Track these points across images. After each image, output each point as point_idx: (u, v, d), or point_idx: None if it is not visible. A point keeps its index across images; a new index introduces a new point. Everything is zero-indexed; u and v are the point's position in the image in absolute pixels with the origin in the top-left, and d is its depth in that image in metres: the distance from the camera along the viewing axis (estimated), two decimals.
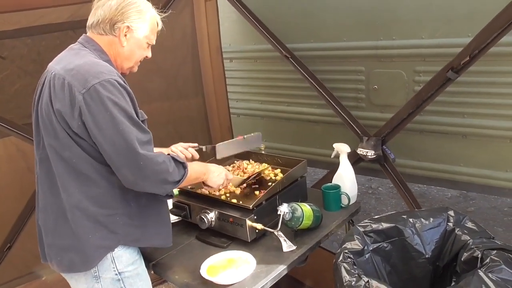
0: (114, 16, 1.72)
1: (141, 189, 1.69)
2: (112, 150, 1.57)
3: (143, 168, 1.59)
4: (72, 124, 1.58)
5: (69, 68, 1.62)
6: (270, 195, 2.22)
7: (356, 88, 3.23)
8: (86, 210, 1.66)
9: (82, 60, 1.65)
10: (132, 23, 1.75)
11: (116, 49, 1.78)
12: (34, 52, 2.54)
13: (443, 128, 2.91)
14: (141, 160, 1.58)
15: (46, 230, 1.76)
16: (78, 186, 1.65)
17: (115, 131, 1.56)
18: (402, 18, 2.86)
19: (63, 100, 1.58)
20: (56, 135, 1.63)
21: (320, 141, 3.56)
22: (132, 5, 1.74)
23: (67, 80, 1.59)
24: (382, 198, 4.85)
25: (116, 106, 1.57)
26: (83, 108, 1.55)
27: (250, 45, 3.74)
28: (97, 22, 1.74)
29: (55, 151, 1.65)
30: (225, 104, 3.68)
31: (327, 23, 3.21)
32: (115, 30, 1.74)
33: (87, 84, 1.56)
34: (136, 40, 1.79)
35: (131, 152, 1.57)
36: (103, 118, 1.55)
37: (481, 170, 2.84)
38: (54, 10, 2.56)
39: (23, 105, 2.53)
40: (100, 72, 1.59)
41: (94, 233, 1.68)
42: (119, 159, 1.59)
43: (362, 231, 2.02)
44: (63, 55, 1.75)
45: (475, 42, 2.23)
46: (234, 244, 2.13)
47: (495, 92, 2.68)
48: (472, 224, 1.98)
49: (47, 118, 1.65)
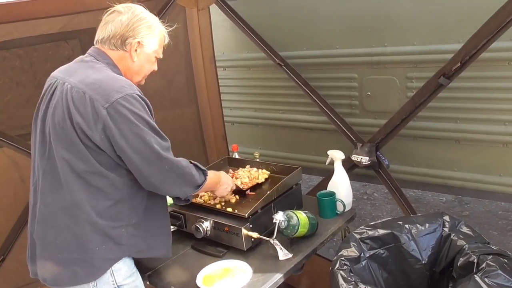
0: (126, 32, 1.75)
1: (164, 192, 1.81)
2: (140, 160, 1.63)
3: (168, 172, 1.70)
4: (94, 137, 1.60)
5: (89, 82, 1.64)
6: (265, 203, 2.21)
7: (350, 95, 3.24)
8: (96, 224, 1.66)
9: (100, 74, 1.68)
10: (142, 39, 1.78)
11: (126, 63, 1.81)
12: (26, 63, 2.53)
13: (437, 134, 2.93)
14: (167, 164, 1.69)
15: (44, 244, 1.73)
16: (88, 200, 1.65)
17: (141, 142, 1.62)
18: (394, 25, 2.88)
19: (85, 114, 1.60)
20: (71, 148, 1.64)
21: (314, 148, 3.56)
22: (142, 20, 1.78)
23: (88, 94, 1.61)
24: (377, 203, 4.85)
25: (139, 118, 1.62)
26: (108, 122, 1.58)
27: (243, 53, 3.75)
28: (107, 37, 1.76)
29: (67, 164, 1.64)
30: (219, 112, 3.68)
31: (320, 31, 3.23)
32: (126, 46, 1.77)
33: (110, 98, 1.59)
34: (146, 55, 1.83)
35: (157, 159, 1.66)
36: (129, 130, 1.60)
37: (475, 174, 2.85)
38: (46, 21, 2.55)
39: (15, 116, 2.52)
40: (122, 87, 1.64)
41: (101, 246, 1.68)
42: (146, 167, 1.65)
43: (358, 238, 2.02)
44: (76, 67, 1.75)
45: (466, 48, 2.26)
46: (230, 253, 2.12)
47: (486, 97, 2.70)
48: (468, 229, 1.99)
49: (61, 131, 1.65)
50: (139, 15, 1.78)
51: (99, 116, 1.59)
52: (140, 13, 1.79)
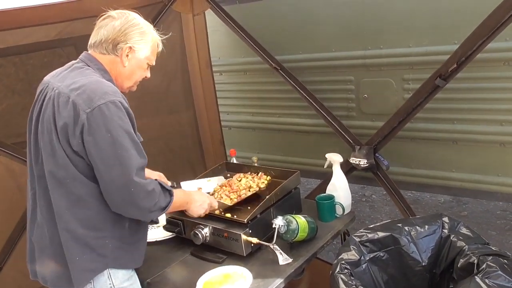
0: (118, 36, 1.75)
1: (126, 215, 1.70)
2: (106, 172, 1.58)
3: (133, 194, 1.60)
4: (73, 142, 1.59)
5: (75, 87, 1.63)
6: (264, 208, 2.20)
7: (346, 97, 3.24)
8: (75, 232, 1.65)
9: (87, 80, 1.66)
10: (134, 44, 1.78)
11: (117, 68, 1.80)
12: (21, 71, 2.52)
13: (434, 135, 2.93)
14: (133, 186, 1.59)
15: (41, 246, 1.75)
16: (68, 207, 1.65)
17: (113, 153, 1.57)
18: (389, 27, 2.88)
19: (67, 117, 1.59)
20: (53, 154, 1.63)
21: (312, 151, 3.55)
22: (135, 26, 1.78)
23: (72, 98, 1.60)
24: (376, 205, 4.85)
25: (119, 128, 1.59)
26: (85, 126, 1.56)
27: (239, 57, 3.75)
28: (99, 41, 1.76)
29: (50, 170, 1.65)
30: (216, 117, 3.68)
31: (316, 34, 3.22)
32: (118, 50, 1.77)
33: (92, 104, 1.57)
34: (137, 60, 1.82)
35: (125, 177, 1.58)
36: (103, 138, 1.56)
37: (473, 175, 2.85)
38: (42, 28, 2.54)
39: (11, 124, 2.51)
40: (106, 93, 1.61)
41: (82, 256, 1.66)
42: (111, 182, 1.59)
43: (358, 241, 2.02)
44: (66, 73, 1.75)
45: (462, 49, 2.26)
46: (230, 259, 2.11)
47: (483, 98, 2.71)
48: (467, 230, 1.99)
49: (47, 136, 1.65)
50: (132, 21, 1.78)
51: (79, 120, 1.57)
52: (133, 19, 1.79)
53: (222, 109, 3.81)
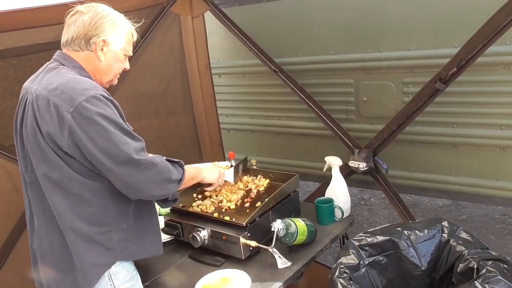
0: (89, 31, 1.70)
1: (147, 195, 1.69)
2: (111, 163, 1.56)
3: (144, 171, 1.60)
4: (62, 144, 1.57)
5: (52, 88, 1.60)
6: (263, 211, 2.20)
7: (346, 100, 3.24)
8: (80, 230, 1.64)
9: (63, 79, 1.63)
10: (107, 37, 1.73)
11: (93, 64, 1.75)
12: (20, 73, 2.50)
13: (433, 138, 2.92)
14: (142, 164, 1.59)
15: (42, 254, 1.74)
16: (69, 207, 1.64)
17: (110, 143, 1.55)
18: (389, 30, 2.88)
19: (51, 121, 1.57)
20: (44, 157, 1.61)
21: (311, 154, 3.55)
22: (105, 18, 1.72)
23: (52, 100, 1.57)
24: (374, 209, 4.85)
25: (106, 119, 1.56)
26: (74, 126, 1.53)
27: (238, 60, 3.74)
28: (71, 38, 1.71)
29: (44, 173, 1.63)
30: (215, 119, 3.67)
31: (315, 36, 3.22)
32: (91, 45, 1.72)
33: (73, 102, 1.54)
34: (113, 53, 1.77)
35: (130, 160, 1.57)
36: (96, 133, 1.54)
37: (472, 179, 2.84)
38: (40, 30, 2.54)
39: (9, 126, 2.47)
40: (85, 89, 1.58)
41: (90, 252, 1.66)
42: (120, 170, 1.58)
43: (357, 245, 2.01)
44: (42, 75, 1.72)
45: (462, 53, 2.26)
46: (228, 262, 2.11)
47: (483, 102, 2.70)
48: (466, 234, 1.99)
49: (33, 141, 1.63)
50: (102, 13, 1.73)
51: (65, 122, 1.54)
52: (102, 11, 1.73)
53: (221, 111, 3.81)
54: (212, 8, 3.27)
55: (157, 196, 1.74)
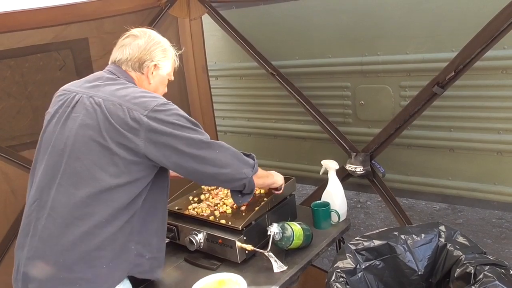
0: (143, 55, 1.81)
1: (225, 179, 1.77)
2: (190, 151, 1.66)
3: (220, 155, 1.72)
4: (136, 147, 1.62)
5: (121, 95, 1.68)
6: (259, 214, 2.19)
7: (343, 104, 3.24)
8: (104, 238, 1.63)
9: (130, 89, 1.72)
10: (159, 62, 1.85)
11: (143, 85, 1.85)
12: (17, 74, 2.49)
13: (431, 142, 2.92)
14: (216, 148, 1.72)
15: (46, 262, 1.63)
16: (95, 216, 1.61)
17: (188, 135, 1.66)
18: (387, 34, 2.88)
19: (125, 124, 1.62)
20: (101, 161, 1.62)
21: (308, 157, 3.55)
22: (158, 44, 1.84)
23: (125, 105, 1.64)
24: (371, 212, 4.84)
25: (179, 116, 1.68)
26: (151, 126, 1.61)
27: (235, 62, 3.74)
28: (125, 59, 1.81)
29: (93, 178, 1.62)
30: (212, 122, 3.66)
31: (312, 40, 3.22)
32: (143, 68, 1.83)
33: (147, 106, 1.63)
34: (160, 77, 1.89)
35: (206, 144, 1.69)
36: (173, 129, 1.64)
37: (470, 183, 2.84)
38: (38, 32, 2.53)
39: (6, 127, 2.49)
40: (155, 96, 1.70)
41: (108, 264, 1.65)
42: (199, 157, 1.68)
43: (354, 249, 2.01)
44: (98, 83, 1.75)
45: (460, 57, 2.26)
46: (224, 266, 2.10)
47: (481, 106, 2.70)
48: (464, 238, 1.98)
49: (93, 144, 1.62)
50: (155, 39, 1.85)
51: (141, 124, 1.61)
52: (155, 37, 1.86)
53: (218, 114, 3.81)
54: (209, 11, 3.27)
55: (234, 182, 1.81)
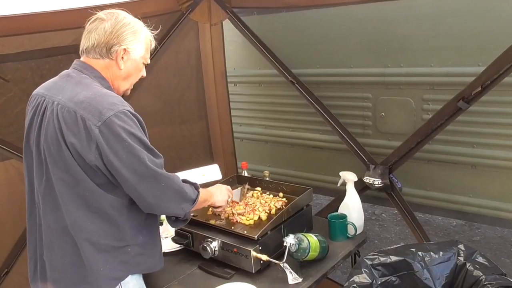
0: (110, 39, 1.68)
1: (162, 211, 1.78)
2: (134, 179, 1.59)
3: (164, 189, 1.66)
4: (89, 158, 1.56)
5: (79, 100, 1.58)
6: (275, 224, 2.17)
7: (363, 115, 3.20)
8: (97, 243, 1.64)
9: (90, 91, 1.62)
10: (128, 45, 1.72)
11: (113, 72, 1.74)
12: (37, 76, 2.51)
13: (452, 158, 2.87)
14: (163, 181, 1.65)
15: (52, 265, 1.71)
16: (89, 220, 1.63)
17: (135, 159, 1.58)
18: (411, 46, 2.84)
19: (78, 134, 1.56)
20: (67, 169, 1.60)
21: (324, 168, 3.51)
22: (126, 26, 1.71)
23: (79, 113, 1.56)
24: (385, 225, 4.78)
25: (131, 136, 1.58)
26: (100, 141, 1.54)
27: (255, 69, 3.73)
28: (92, 46, 1.69)
29: (66, 185, 1.61)
30: (229, 128, 3.65)
31: (334, 49, 3.20)
32: (112, 54, 1.70)
33: (102, 116, 1.54)
34: (133, 61, 1.76)
35: (152, 175, 1.62)
36: (122, 148, 1.56)
37: (491, 201, 2.78)
38: (58, 34, 2.54)
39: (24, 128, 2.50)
40: (113, 104, 1.59)
41: (106, 265, 1.66)
42: (142, 186, 1.61)
43: (370, 264, 1.97)
44: (63, 84, 1.69)
45: (487, 72, 2.22)
46: (238, 275, 2.08)
47: (506, 123, 2.64)
48: (483, 259, 1.94)
49: (56, 153, 1.60)
50: (123, 20, 1.71)
51: (92, 136, 1.54)
52: (123, 19, 1.72)
53: (235, 120, 3.78)
54: (230, 17, 3.26)
55: (170, 214, 1.82)
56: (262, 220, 2.28)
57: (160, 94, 3.25)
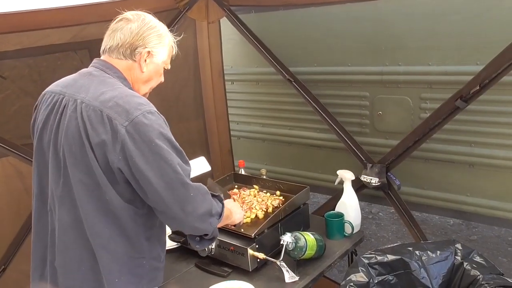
0: (136, 40, 1.64)
1: (188, 226, 1.62)
2: (161, 184, 1.48)
3: (192, 200, 1.54)
4: (113, 159, 1.48)
5: (105, 100, 1.52)
6: (272, 223, 2.17)
7: (360, 113, 3.20)
8: (115, 251, 1.56)
9: (116, 91, 1.56)
10: (153, 48, 1.68)
11: (135, 74, 1.69)
12: (35, 73, 2.49)
13: (450, 157, 2.86)
14: (191, 190, 1.53)
15: (67, 271, 1.62)
16: (107, 226, 1.55)
17: (163, 162, 1.48)
18: (409, 45, 2.84)
19: (104, 134, 1.48)
20: (89, 171, 1.51)
21: (321, 166, 3.51)
22: (153, 29, 1.68)
23: (105, 112, 1.49)
24: (382, 223, 4.78)
25: (161, 136, 1.50)
26: (126, 141, 1.46)
27: (252, 67, 3.72)
28: (116, 46, 1.65)
29: (85, 188, 1.53)
30: (226, 126, 3.64)
31: (331, 47, 3.19)
32: (135, 55, 1.66)
33: (129, 116, 1.48)
34: (155, 65, 1.72)
35: (181, 182, 1.51)
36: (149, 150, 1.47)
37: (489, 201, 2.77)
38: (57, 31, 2.52)
39: (22, 125, 2.49)
40: (140, 103, 1.53)
41: (120, 277, 1.58)
42: (168, 193, 1.50)
43: (367, 263, 1.98)
44: (84, 82, 1.62)
45: (486, 71, 2.21)
46: (235, 273, 2.09)
47: (504, 122, 2.63)
48: (481, 258, 1.95)
49: (79, 153, 1.52)
50: (150, 23, 1.67)
51: (118, 136, 1.46)
52: (150, 21, 1.68)
53: (232, 118, 3.77)
54: (228, 14, 3.25)
55: (198, 230, 1.66)
56: (259, 218, 2.28)
57: (157, 92, 3.20)
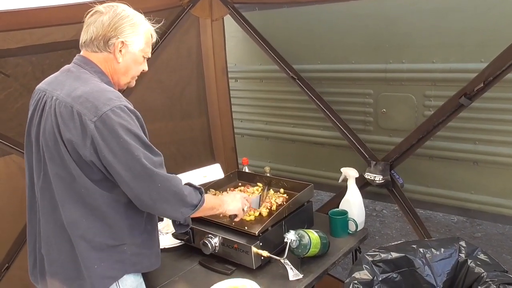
0: (108, 32, 1.66)
1: (159, 212, 1.71)
2: (129, 176, 1.56)
3: (161, 190, 1.60)
4: (84, 154, 1.55)
5: (76, 95, 1.58)
6: (276, 220, 2.17)
7: (364, 111, 3.19)
8: (92, 240, 1.63)
9: (88, 86, 1.61)
10: (126, 38, 1.69)
11: (112, 65, 1.72)
12: (38, 70, 2.50)
13: (454, 154, 2.85)
14: (159, 181, 1.59)
15: (50, 260, 1.71)
16: (84, 216, 1.62)
17: (130, 156, 1.54)
18: (413, 42, 2.83)
19: (74, 129, 1.55)
20: (64, 165, 1.59)
21: (325, 164, 3.50)
22: (125, 19, 1.69)
23: (75, 108, 1.55)
24: (386, 221, 4.78)
25: (128, 132, 1.55)
26: (95, 136, 1.52)
27: (256, 65, 3.71)
28: (90, 39, 1.68)
29: (62, 181, 1.61)
30: (230, 124, 3.64)
31: (335, 44, 3.19)
32: (110, 47, 1.68)
33: (98, 111, 1.53)
34: (131, 55, 1.73)
35: (148, 174, 1.57)
36: (117, 144, 1.53)
37: (493, 198, 2.76)
38: (60, 29, 2.53)
39: (25, 123, 2.49)
40: (110, 99, 1.57)
41: (100, 264, 1.64)
42: (136, 184, 1.57)
43: (371, 261, 1.97)
44: (63, 79, 1.69)
45: (490, 68, 2.20)
46: (239, 271, 2.08)
47: (508, 119, 2.62)
48: (485, 256, 1.94)
49: (53, 148, 1.60)
50: (121, 13, 1.69)
51: (88, 131, 1.52)
52: (122, 12, 1.69)
53: (236, 116, 3.77)
54: (232, 12, 3.25)
55: (168, 217, 1.78)
56: (263, 216, 2.28)
57: (161, 89, 3.24)
